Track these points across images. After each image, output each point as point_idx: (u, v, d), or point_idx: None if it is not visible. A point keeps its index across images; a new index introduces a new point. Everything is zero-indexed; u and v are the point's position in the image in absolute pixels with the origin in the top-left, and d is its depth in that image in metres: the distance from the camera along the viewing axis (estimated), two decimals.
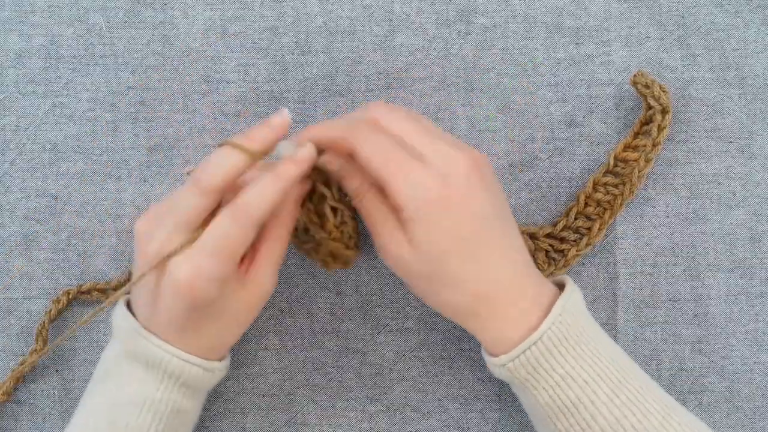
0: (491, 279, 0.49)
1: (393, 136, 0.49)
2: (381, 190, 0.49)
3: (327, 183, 0.52)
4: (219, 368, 0.53)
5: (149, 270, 0.49)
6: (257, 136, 0.48)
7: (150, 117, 0.62)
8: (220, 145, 0.49)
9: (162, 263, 0.48)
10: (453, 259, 0.48)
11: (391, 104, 0.52)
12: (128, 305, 0.53)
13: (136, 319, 0.51)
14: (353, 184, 0.51)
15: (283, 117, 0.49)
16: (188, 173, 0.50)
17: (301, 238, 0.55)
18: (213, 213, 0.49)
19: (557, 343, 0.49)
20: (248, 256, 0.51)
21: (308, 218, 0.53)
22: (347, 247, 0.53)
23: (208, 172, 0.48)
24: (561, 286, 0.53)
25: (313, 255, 0.55)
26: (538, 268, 0.59)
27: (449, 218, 0.47)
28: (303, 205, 0.53)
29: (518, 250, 0.51)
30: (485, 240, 0.49)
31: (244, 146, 0.48)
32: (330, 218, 0.52)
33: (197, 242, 0.48)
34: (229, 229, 0.47)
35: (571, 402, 0.49)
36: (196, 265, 0.47)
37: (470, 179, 0.48)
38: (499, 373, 0.52)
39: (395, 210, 0.49)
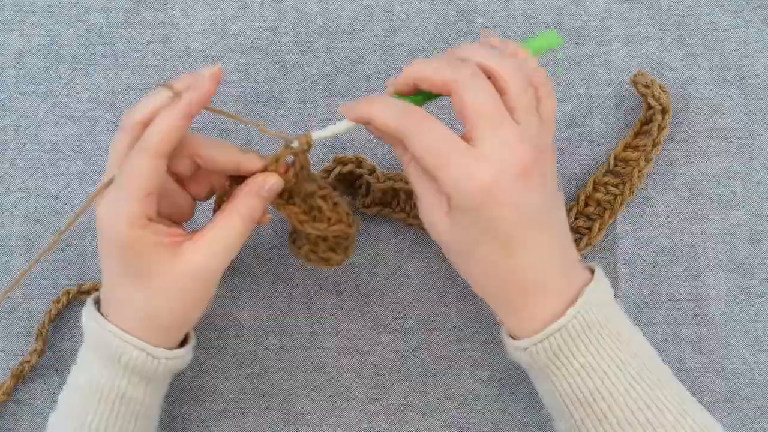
0: (522, 270, 0.49)
1: (459, 114, 0.47)
2: None
3: (304, 177, 0.52)
4: (166, 356, 0.51)
5: (78, 212, 0.51)
6: (184, 79, 0.49)
7: None
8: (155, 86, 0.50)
9: (87, 205, 0.50)
10: (486, 247, 0.48)
11: (475, 66, 0.48)
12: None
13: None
14: (399, 150, 0.50)
15: (213, 70, 0.49)
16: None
17: (297, 243, 0.55)
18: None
19: (580, 332, 0.49)
20: (193, 232, 0.51)
21: (298, 220, 0.52)
22: (349, 225, 0.53)
23: (132, 113, 0.49)
24: (593, 271, 0.52)
25: (312, 258, 0.55)
26: None
27: (491, 214, 0.47)
28: (283, 209, 0.52)
29: (558, 242, 0.50)
30: (523, 237, 0.48)
31: (171, 85, 0.49)
32: (323, 205, 0.52)
33: (116, 182, 0.49)
34: (134, 161, 0.48)
35: (589, 391, 0.49)
36: (111, 203, 0.48)
37: (520, 178, 0.47)
38: (518, 357, 0.51)
39: (446, 195, 0.48)
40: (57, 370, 0.61)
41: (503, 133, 0.47)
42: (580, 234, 0.61)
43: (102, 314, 0.51)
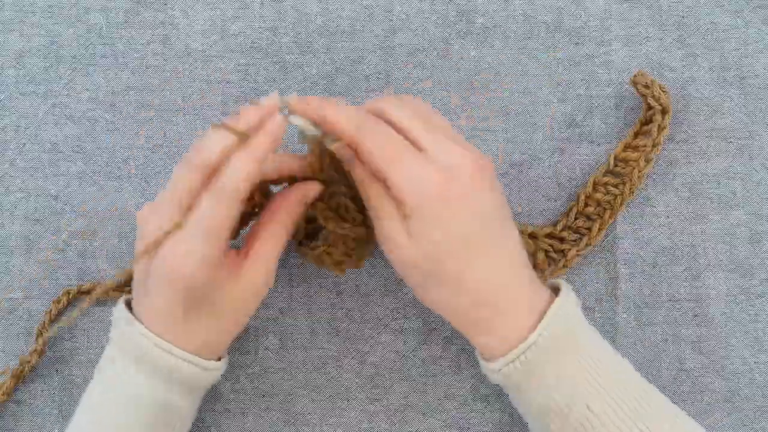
0: (489, 283, 0.49)
1: (399, 129, 0.49)
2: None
3: (337, 175, 0.52)
4: (217, 367, 0.53)
5: (144, 254, 0.49)
6: (248, 118, 0.48)
7: (150, 117, 0.62)
8: (212, 127, 0.49)
9: (154, 246, 0.48)
10: (451, 259, 0.48)
11: (400, 98, 0.52)
12: (129, 304, 0.53)
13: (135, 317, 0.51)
14: (359, 173, 0.50)
15: (273, 100, 0.49)
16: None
17: (310, 245, 0.55)
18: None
19: (550, 348, 0.49)
20: (243, 251, 0.51)
21: (324, 216, 0.52)
22: (370, 228, 0.53)
23: (199, 154, 0.48)
24: (557, 290, 0.53)
25: (325, 259, 0.55)
26: (539, 269, 0.59)
27: (449, 214, 0.47)
28: (312, 206, 0.52)
29: (518, 255, 0.51)
30: (484, 241, 0.48)
31: (234, 127, 0.48)
32: (350, 205, 0.52)
33: (186, 224, 0.48)
34: (211, 208, 0.47)
35: (565, 403, 0.49)
36: (184, 246, 0.48)
37: (474, 178, 0.48)
38: (493, 378, 0.52)
39: (399, 201, 0.49)
40: (57, 370, 0.61)
41: (445, 143, 0.48)
42: (580, 234, 0.61)
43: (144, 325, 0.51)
